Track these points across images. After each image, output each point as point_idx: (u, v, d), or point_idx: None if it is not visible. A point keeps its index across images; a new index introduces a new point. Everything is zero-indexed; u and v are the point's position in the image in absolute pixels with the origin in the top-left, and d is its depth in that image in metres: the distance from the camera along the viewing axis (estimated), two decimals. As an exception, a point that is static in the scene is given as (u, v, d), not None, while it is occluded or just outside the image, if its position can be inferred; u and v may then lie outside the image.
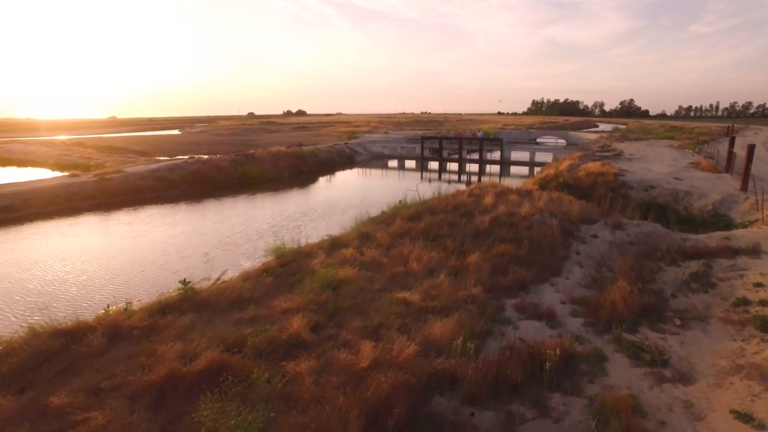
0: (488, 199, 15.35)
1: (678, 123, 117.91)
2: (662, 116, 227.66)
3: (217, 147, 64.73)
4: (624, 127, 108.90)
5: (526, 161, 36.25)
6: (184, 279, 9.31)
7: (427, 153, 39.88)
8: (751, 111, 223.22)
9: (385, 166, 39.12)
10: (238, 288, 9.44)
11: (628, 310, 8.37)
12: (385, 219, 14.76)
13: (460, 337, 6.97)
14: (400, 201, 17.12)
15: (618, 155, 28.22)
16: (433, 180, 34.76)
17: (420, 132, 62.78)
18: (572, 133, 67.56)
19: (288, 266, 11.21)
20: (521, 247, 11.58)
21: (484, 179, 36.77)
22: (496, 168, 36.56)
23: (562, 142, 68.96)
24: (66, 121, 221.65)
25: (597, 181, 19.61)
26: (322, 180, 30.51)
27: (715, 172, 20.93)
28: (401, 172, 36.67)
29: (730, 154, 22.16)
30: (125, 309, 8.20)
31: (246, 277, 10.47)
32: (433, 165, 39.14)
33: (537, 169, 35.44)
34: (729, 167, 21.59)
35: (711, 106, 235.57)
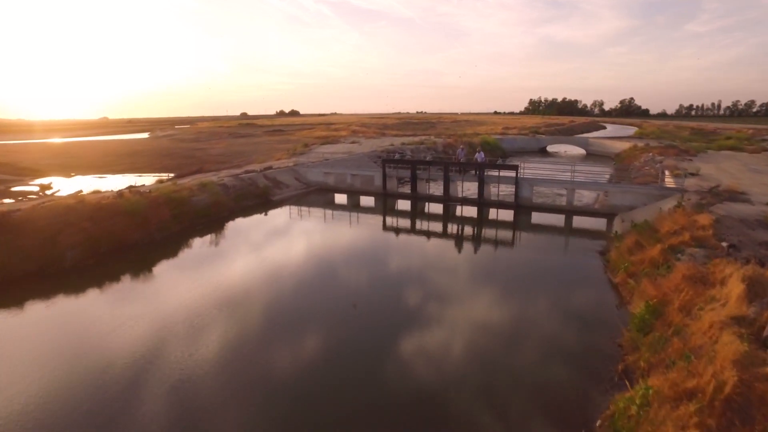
0: None
1: (693, 124, 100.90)
2: (663, 115, 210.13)
3: (155, 158, 49.03)
4: (637, 129, 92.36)
5: (562, 206, 20.05)
6: None
7: (392, 185, 23.55)
8: (755, 110, 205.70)
9: (331, 203, 23.02)
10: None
11: None
12: None
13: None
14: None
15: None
16: (402, 231, 18.83)
17: (400, 139, 46.35)
18: (594, 140, 50.98)
19: None
20: None
21: (486, 231, 20.64)
22: (506, 213, 20.47)
23: (579, 151, 52.82)
24: (52, 122, 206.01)
25: None
26: (165, 262, 14.42)
27: None
28: (352, 216, 20.60)
29: None
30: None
31: None
32: (404, 203, 23.03)
33: (578, 220, 19.38)
34: None
35: (713, 105, 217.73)
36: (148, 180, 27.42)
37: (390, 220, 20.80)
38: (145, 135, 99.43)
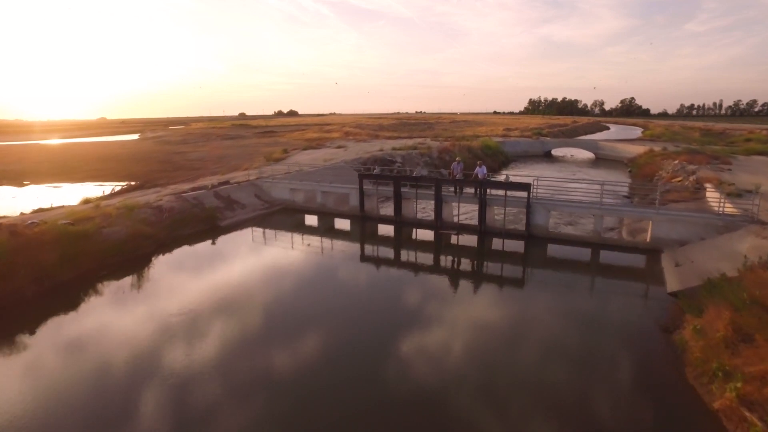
0: None
1: (699, 124, 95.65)
2: (665, 115, 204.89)
3: (126, 164, 44.47)
4: (644, 129, 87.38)
5: (587, 236, 15.29)
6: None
7: (371, 205, 18.81)
8: (756, 109, 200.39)
9: (298, 227, 18.33)
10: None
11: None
12: None
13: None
14: None
15: None
16: (384, 264, 14.35)
17: (393, 143, 41.58)
18: (604, 143, 46.08)
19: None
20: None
21: (489, 268, 15.90)
22: (515, 245, 15.71)
23: (587, 155, 48.05)
24: (49, 123, 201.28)
25: None
26: (17, 338, 9.79)
27: None
28: (323, 242, 15.93)
29: None
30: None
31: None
32: (386, 228, 18.23)
33: (605, 256, 14.69)
34: None
35: (714, 104, 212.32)
36: (96, 192, 22.76)
37: (369, 250, 16.14)
38: (136, 136, 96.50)
